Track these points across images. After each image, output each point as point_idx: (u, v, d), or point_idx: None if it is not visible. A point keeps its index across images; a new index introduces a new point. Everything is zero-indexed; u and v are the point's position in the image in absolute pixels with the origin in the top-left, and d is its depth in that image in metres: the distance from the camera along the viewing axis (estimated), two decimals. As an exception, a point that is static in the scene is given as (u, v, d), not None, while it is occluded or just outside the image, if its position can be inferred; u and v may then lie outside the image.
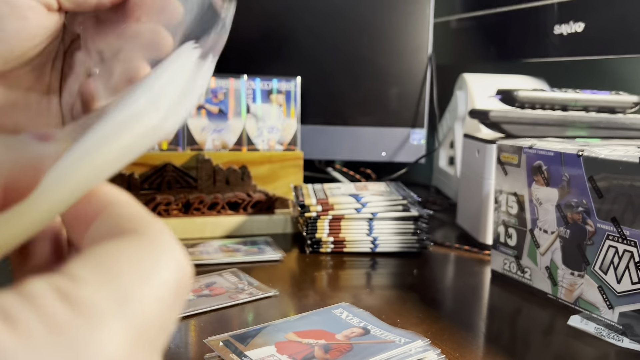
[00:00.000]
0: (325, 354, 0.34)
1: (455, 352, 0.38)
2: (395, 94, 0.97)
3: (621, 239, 0.40)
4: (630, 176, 0.39)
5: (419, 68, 0.98)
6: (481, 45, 1.01)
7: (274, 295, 0.47)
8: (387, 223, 0.60)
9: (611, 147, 0.46)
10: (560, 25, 0.81)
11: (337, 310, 0.40)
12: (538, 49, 0.87)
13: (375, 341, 0.36)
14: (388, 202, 0.60)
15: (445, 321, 0.43)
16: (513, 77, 0.92)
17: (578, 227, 0.44)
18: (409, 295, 0.48)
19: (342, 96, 0.96)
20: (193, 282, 0.52)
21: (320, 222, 0.59)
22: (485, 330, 0.42)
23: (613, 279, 0.41)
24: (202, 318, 0.42)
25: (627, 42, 0.72)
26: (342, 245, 0.59)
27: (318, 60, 0.95)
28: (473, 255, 0.61)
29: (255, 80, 0.79)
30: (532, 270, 0.49)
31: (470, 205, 0.66)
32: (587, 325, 0.42)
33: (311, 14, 0.93)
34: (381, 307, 0.45)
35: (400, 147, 0.98)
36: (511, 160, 0.51)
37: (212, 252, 0.57)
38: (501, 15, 0.94)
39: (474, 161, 0.64)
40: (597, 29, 0.76)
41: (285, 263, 0.56)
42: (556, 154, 0.46)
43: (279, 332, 0.37)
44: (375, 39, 0.96)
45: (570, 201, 0.44)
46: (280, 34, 0.94)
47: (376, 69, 0.97)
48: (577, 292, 0.44)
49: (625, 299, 0.40)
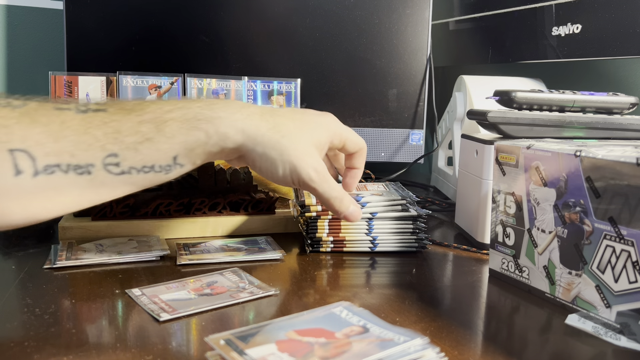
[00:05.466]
0: (325, 352, 0.34)
1: (454, 350, 0.38)
2: (394, 95, 0.98)
3: (618, 239, 0.41)
4: (627, 176, 0.40)
5: (418, 69, 0.99)
6: (479, 47, 1.02)
7: (275, 294, 0.47)
8: (386, 223, 0.60)
9: (608, 147, 0.47)
10: (558, 27, 0.82)
11: (337, 308, 0.41)
12: (536, 51, 0.87)
13: (375, 339, 0.36)
14: (387, 202, 0.60)
15: (444, 319, 0.43)
16: (511, 79, 0.92)
17: (576, 227, 0.44)
18: (408, 294, 0.49)
19: (341, 97, 0.96)
20: (195, 281, 0.52)
21: (321, 222, 0.60)
22: (483, 329, 0.43)
23: (610, 278, 0.42)
24: (203, 317, 0.42)
25: (624, 43, 0.72)
26: (342, 245, 0.60)
27: (318, 62, 0.95)
28: (471, 254, 0.61)
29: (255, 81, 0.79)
30: (530, 270, 0.49)
31: (469, 205, 0.66)
32: (585, 324, 0.42)
33: (311, 16, 0.94)
34: (380, 305, 0.46)
35: (400, 147, 0.98)
36: (509, 161, 0.51)
37: (214, 252, 0.58)
38: (499, 17, 0.95)
39: (472, 161, 0.65)
40: (595, 31, 0.76)
41: (285, 262, 0.57)
42: (554, 155, 0.46)
43: (279, 330, 0.37)
44: (375, 41, 0.97)
45: (567, 201, 0.45)
46: (281, 36, 0.94)
47: (375, 71, 0.97)
48: (575, 291, 0.45)
49: (623, 298, 0.41)
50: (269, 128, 0.49)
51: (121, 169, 0.44)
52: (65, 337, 0.39)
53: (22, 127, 0.41)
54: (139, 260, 0.55)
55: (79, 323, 0.41)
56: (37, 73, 1.09)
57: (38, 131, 0.41)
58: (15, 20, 1.09)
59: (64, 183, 0.42)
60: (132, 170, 0.45)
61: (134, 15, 0.89)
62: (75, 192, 0.43)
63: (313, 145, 0.52)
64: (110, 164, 0.44)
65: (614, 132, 0.62)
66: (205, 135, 0.47)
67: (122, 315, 0.43)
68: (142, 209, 0.63)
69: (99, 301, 0.45)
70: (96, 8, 0.87)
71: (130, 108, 0.46)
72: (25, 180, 0.41)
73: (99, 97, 0.77)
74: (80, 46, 0.87)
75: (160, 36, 0.90)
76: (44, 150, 0.41)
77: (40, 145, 0.41)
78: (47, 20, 1.10)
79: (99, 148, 0.43)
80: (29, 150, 0.41)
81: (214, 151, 0.48)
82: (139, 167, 0.45)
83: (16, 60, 1.09)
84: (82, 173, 0.43)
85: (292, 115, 0.53)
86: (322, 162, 0.53)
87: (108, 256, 0.55)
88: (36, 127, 0.41)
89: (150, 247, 0.58)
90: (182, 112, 0.47)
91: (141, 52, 0.89)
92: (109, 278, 0.50)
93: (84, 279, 0.50)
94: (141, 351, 0.37)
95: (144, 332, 0.40)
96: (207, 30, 0.90)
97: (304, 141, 0.51)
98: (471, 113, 0.66)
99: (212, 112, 0.47)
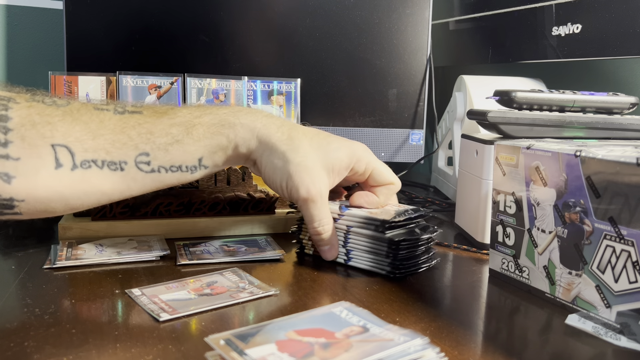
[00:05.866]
0: (325, 352, 0.34)
1: (454, 350, 0.38)
2: (394, 95, 0.98)
3: (618, 239, 0.41)
4: (628, 176, 0.40)
5: (418, 69, 0.99)
6: (479, 47, 1.02)
7: (275, 294, 0.47)
8: (360, 239, 0.55)
9: (608, 147, 0.47)
10: (558, 27, 0.82)
11: (337, 308, 0.41)
12: (536, 51, 0.87)
13: (375, 339, 0.36)
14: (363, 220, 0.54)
15: (444, 319, 0.43)
16: (511, 79, 0.92)
17: (576, 227, 0.44)
18: (408, 294, 0.49)
19: (341, 97, 0.96)
20: (195, 281, 0.52)
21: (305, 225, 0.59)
22: (483, 329, 0.43)
23: (610, 278, 0.42)
24: (203, 317, 0.42)
25: (624, 43, 0.72)
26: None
27: (318, 62, 0.95)
28: (471, 254, 0.61)
29: (255, 81, 0.79)
30: (530, 270, 0.49)
31: (469, 205, 0.66)
32: (585, 324, 0.42)
33: (311, 16, 0.94)
34: (380, 305, 0.46)
35: (400, 147, 0.98)
36: (509, 161, 0.51)
37: (214, 252, 0.58)
38: (499, 17, 0.95)
39: (473, 161, 0.65)
40: (595, 31, 0.76)
41: (285, 262, 0.57)
42: (554, 155, 0.46)
43: (279, 330, 0.37)
44: (375, 41, 0.97)
45: (567, 201, 0.45)
46: (281, 36, 0.94)
47: (375, 71, 0.97)
48: (575, 291, 0.45)
49: (623, 298, 0.41)
50: (281, 139, 0.52)
51: (151, 167, 0.49)
52: (65, 337, 0.39)
53: (64, 124, 0.46)
54: (139, 260, 0.55)
55: (79, 323, 0.41)
56: (37, 73, 1.09)
57: (79, 129, 0.46)
58: (15, 20, 1.09)
59: (99, 177, 0.47)
60: (161, 169, 0.49)
61: (134, 15, 0.89)
62: (108, 185, 0.48)
63: (322, 166, 0.53)
64: (142, 162, 0.48)
65: (614, 132, 0.62)
66: (226, 139, 0.51)
67: (122, 316, 0.43)
68: (142, 209, 0.63)
69: (98, 301, 0.45)
70: (96, 8, 0.87)
71: (163, 112, 0.50)
72: (64, 173, 0.45)
73: (99, 97, 0.77)
74: (80, 46, 0.87)
75: (160, 36, 0.90)
76: (83, 146, 0.46)
77: (79, 142, 0.46)
78: (47, 20, 1.10)
79: (133, 147, 0.48)
80: (69, 146, 0.45)
81: (232, 155, 0.52)
82: (168, 167, 0.49)
83: (16, 60, 1.09)
84: (115, 169, 0.47)
85: (312, 135, 0.54)
86: (324, 186, 0.53)
87: (108, 256, 0.55)
88: (77, 125, 0.46)
89: (150, 247, 0.58)
90: (210, 117, 0.51)
91: (141, 52, 0.89)
92: (108, 278, 0.50)
93: (83, 279, 0.50)
94: (141, 351, 0.37)
95: (144, 332, 0.39)
96: (207, 30, 0.90)
97: (312, 159, 0.52)
98: (471, 113, 0.66)
99: (236, 118, 0.51)
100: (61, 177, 0.45)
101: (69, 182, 0.45)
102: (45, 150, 0.45)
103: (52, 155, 0.45)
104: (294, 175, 0.51)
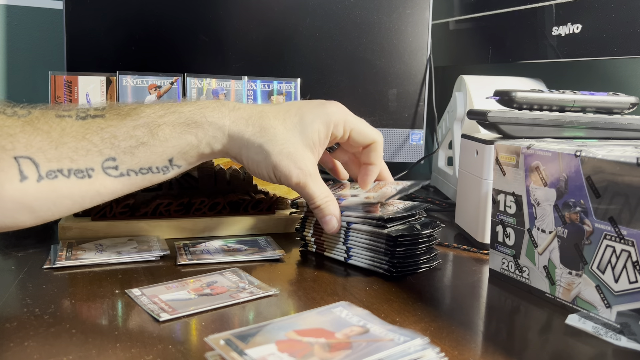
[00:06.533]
0: (325, 352, 0.34)
1: (454, 350, 0.38)
2: (394, 95, 0.98)
3: (618, 239, 0.41)
4: (628, 176, 0.40)
5: (418, 69, 0.99)
6: (479, 47, 1.02)
7: (275, 294, 0.47)
8: (361, 235, 0.55)
9: (609, 147, 0.46)
10: (558, 27, 0.82)
11: (337, 309, 0.41)
12: (536, 51, 0.87)
13: (375, 339, 0.36)
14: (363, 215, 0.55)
15: (444, 320, 0.43)
16: (511, 79, 0.92)
17: (576, 227, 0.44)
18: (408, 294, 0.49)
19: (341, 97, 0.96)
20: (194, 281, 0.52)
21: (309, 222, 0.60)
22: (483, 329, 0.43)
23: (611, 278, 0.42)
24: (203, 317, 0.42)
25: (624, 43, 0.72)
26: (322, 249, 0.58)
27: (318, 62, 0.95)
28: (471, 254, 0.61)
29: (255, 81, 0.79)
30: (530, 270, 0.49)
31: (469, 205, 0.66)
32: (585, 324, 0.42)
33: (311, 16, 0.94)
34: (380, 305, 0.46)
35: (400, 147, 0.98)
36: (509, 161, 0.51)
37: (214, 252, 0.58)
38: (499, 17, 0.95)
39: (473, 161, 0.65)
40: (595, 31, 0.76)
41: (285, 262, 0.56)
42: (554, 155, 0.46)
43: (279, 330, 0.37)
44: (375, 41, 0.97)
45: (568, 201, 0.45)
46: (281, 36, 0.94)
47: (375, 71, 0.97)
48: (575, 291, 0.45)
49: (623, 298, 0.41)
50: (253, 133, 0.51)
51: (120, 171, 0.48)
52: (65, 337, 0.38)
53: (25, 135, 0.44)
54: (139, 260, 0.55)
55: (79, 323, 0.41)
56: (36, 73, 1.09)
57: (40, 139, 0.45)
58: (15, 20, 1.09)
59: (67, 186, 0.46)
60: (130, 172, 0.48)
61: (134, 15, 0.89)
62: (78, 194, 0.46)
63: (304, 145, 0.53)
64: (109, 167, 0.47)
65: (614, 132, 0.62)
66: (195, 138, 0.50)
67: (122, 316, 0.43)
68: (142, 209, 0.63)
69: (98, 301, 0.45)
70: (96, 8, 0.87)
71: (126, 113, 0.49)
72: (30, 185, 0.44)
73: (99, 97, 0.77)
74: (80, 46, 0.87)
75: (160, 36, 0.90)
76: (46, 156, 0.44)
77: (42, 152, 0.44)
78: (47, 20, 1.10)
79: (97, 153, 0.46)
80: (32, 157, 0.44)
81: (206, 152, 0.51)
82: (137, 169, 0.48)
83: (16, 60, 1.09)
84: (83, 177, 0.46)
85: (284, 116, 0.53)
86: (311, 164, 0.53)
87: (108, 256, 0.55)
88: (38, 135, 0.45)
89: (150, 247, 0.58)
90: (175, 116, 0.50)
91: (141, 52, 0.89)
92: (108, 278, 0.50)
93: (83, 279, 0.50)
94: (141, 351, 0.37)
95: (144, 332, 0.39)
96: (207, 30, 0.90)
97: (292, 143, 0.52)
98: (471, 113, 0.66)
99: (202, 116, 0.50)
100: (27, 189, 0.44)
101: (36, 193, 0.44)
102: (7, 163, 0.43)
103: (16, 168, 0.43)
104: (279, 165, 0.51)
